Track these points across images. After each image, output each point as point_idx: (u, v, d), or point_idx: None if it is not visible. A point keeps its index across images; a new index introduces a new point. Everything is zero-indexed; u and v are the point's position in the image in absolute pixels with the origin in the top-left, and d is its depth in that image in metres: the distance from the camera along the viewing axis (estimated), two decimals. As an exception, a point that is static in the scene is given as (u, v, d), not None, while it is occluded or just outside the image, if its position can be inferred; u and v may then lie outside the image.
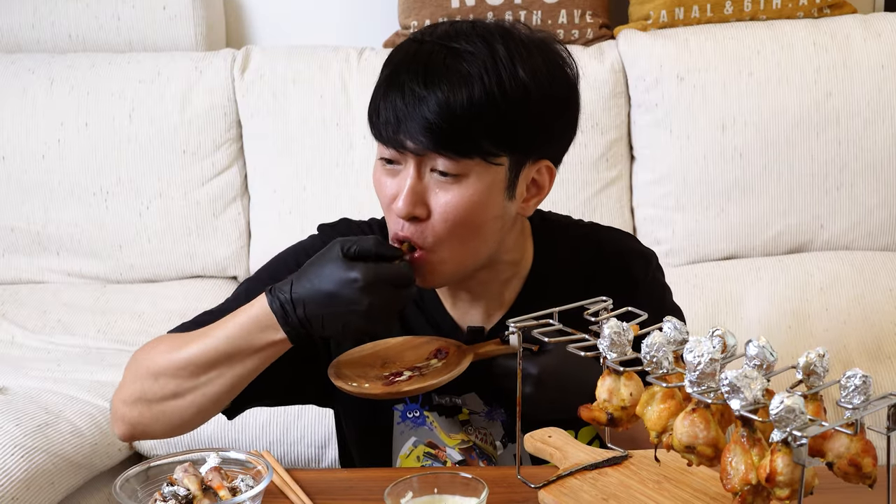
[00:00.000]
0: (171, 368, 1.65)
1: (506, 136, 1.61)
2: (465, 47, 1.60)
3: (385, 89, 1.62)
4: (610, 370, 1.38)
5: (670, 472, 1.48)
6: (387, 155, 1.64)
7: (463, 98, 1.57)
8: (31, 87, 3.21)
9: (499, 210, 1.65)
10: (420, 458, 1.80)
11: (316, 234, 1.85)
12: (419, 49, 1.63)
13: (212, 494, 1.45)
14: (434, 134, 1.57)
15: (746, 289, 2.91)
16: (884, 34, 3.08)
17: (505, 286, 1.78)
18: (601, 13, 3.29)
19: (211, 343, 1.63)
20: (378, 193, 1.67)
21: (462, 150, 1.59)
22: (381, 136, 1.63)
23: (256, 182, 3.19)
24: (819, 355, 1.25)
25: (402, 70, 1.61)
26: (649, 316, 1.44)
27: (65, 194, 3.17)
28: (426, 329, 1.78)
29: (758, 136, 3.03)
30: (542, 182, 1.70)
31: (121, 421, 1.72)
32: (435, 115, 1.57)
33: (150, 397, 1.68)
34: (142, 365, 1.70)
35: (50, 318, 2.99)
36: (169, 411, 1.67)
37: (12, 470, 2.26)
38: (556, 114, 1.67)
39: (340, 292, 1.53)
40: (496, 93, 1.58)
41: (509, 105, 1.59)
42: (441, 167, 1.60)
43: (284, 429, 2.56)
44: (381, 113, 1.61)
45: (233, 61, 3.20)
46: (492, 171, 1.62)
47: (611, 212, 3.10)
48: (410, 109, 1.58)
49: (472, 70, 1.58)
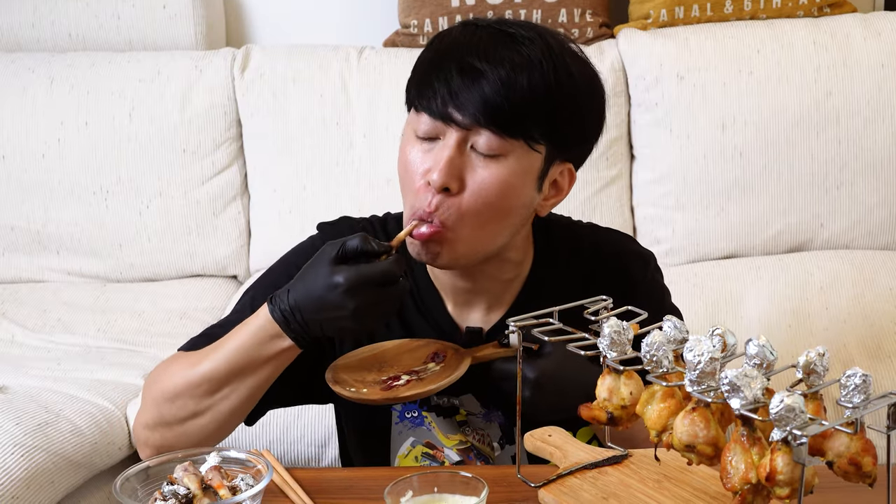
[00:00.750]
0: (186, 389, 1.67)
1: (551, 124, 1.63)
2: (522, 33, 1.63)
3: (439, 63, 1.62)
4: (610, 369, 1.38)
5: (670, 471, 1.48)
6: (425, 131, 1.63)
7: (524, 80, 1.59)
8: (31, 86, 3.21)
9: (527, 199, 1.67)
10: (418, 458, 1.80)
11: (316, 235, 1.85)
12: (476, 31, 1.64)
13: (212, 493, 1.45)
14: (489, 109, 1.58)
15: (746, 288, 2.91)
16: (884, 33, 3.08)
17: (505, 287, 1.78)
18: (601, 12, 3.29)
19: (223, 359, 1.64)
20: (405, 169, 1.66)
21: (510, 130, 1.60)
22: (429, 107, 1.62)
23: (256, 181, 3.20)
24: (819, 354, 1.25)
25: (460, 47, 1.62)
26: (648, 317, 1.44)
27: (65, 193, 3.17)
28: (425, 328, 1.78)
29: (758, 135, 3.03)
30: (563, 184, 1.73)
31: (145, 445, 1.74)
32: (494, 92, 1.58)
33: (170, 420, 1.69)
34: (157, 388, 1.71)
35: (50, 317, 2.99)
36: (190, 431, 1.69)
37: (12, 469, 2.26)
38: (594, 115, 1.71)
39: (327, 297, 1.54)
40: (553, 81, 1.60)
41: (561, 96, 1.61)
42: (483, 145, 1.61)
43: (284, 428, 2.56)
44: (434, 84, 1.61)
45: (233, 60, 3.20)
46: (530, 156, 1.64)
47: (611, 211, 3.10)
48: (469, 83, 1.59)
49: (533, 56, 1.60)
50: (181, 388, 1.67)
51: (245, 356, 1.63)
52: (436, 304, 1.79)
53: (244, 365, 1.63)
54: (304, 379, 1.78)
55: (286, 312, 1.57)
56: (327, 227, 1.85)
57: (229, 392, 1.65)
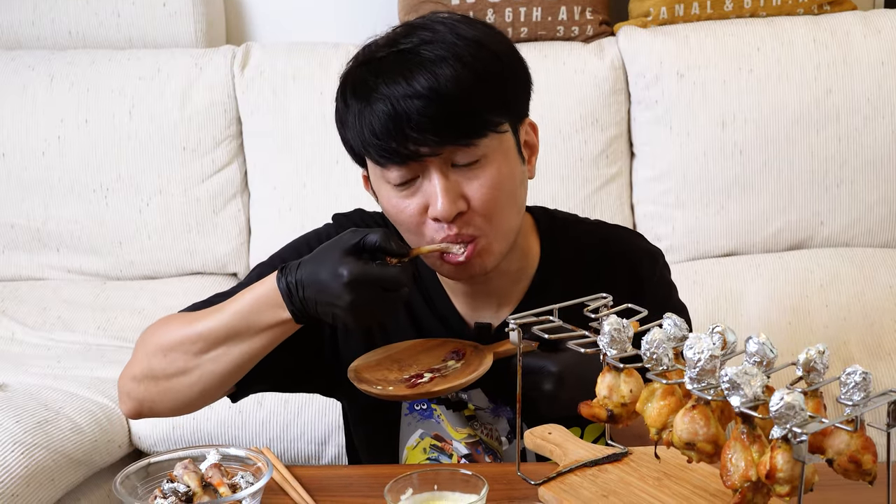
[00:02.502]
0: (180, 345, 1.66)
1: (499, 98, 1.63)
2: (415, 41, 1.61)
3: (369, 109, 1.60)
4: (610, 367, 1.38)
5: (670, 468, 1.48)
6: (400, 178, 1.62)
7: (449, 78, 1.57)
8: (31, 83, 3.21)
9: (520, 175, 1.69)
10: (426, 450, 1.80)
11: (331, 224, 1.86)
12: (380, 63, 1.61)
13: (212, 491, 1.45)
14: (441, 127, 1.57)
15: (746, 285, 2.91)
16: (884, 31, 3.08)
17: (513, 283, 1.78)
18: (601, 10, 3.29)
19: (220, 319, 1.64)
20: (398, 217, 1.66)
21: (473, 131, 1.60)
22: (389, 155, 1.60)
23: (256, 179, 3.19)
24: (819, 352, 1.25)
25: (377, 85, 1.59)
26: (656, 314, 1.44)
27: (65, 191, 3.17)
28: (433, 322, 1.79)
29: (758, 132, 3.03)
30: (532, 140, 1.74)
31: (127, 396, 1.73)
32: (432, 107, 1.56)
33: (158, 373, 1.68)
34: (151, 341, 1.71)
35: (50, 314, 2.99)
36: (175, 388, 1.68)
37: (12, 466, 2.26)
38: (521, 68, 1.70)
39: (329, 284, 1.54)
40: (471, 62, 1.59)
41: (487, 67, 1.61)
42: (461, 159, 1.61)
43: (285, 425, 2.56)
44: (379, 131, 1.59)
45: (233, 58, 3.20)
46: (503, 140, 1.64)
47: (611, 208, 3.10)
48: (407, 111, 1.57)
49: (441, 52, 1.59)
50: (174, 341, 1.67)
51: (243, 319, 1.62)
52: (444, 301, 1.80)
53: (240, 328, 1.62)
54: (294, 367, 1.78)
55: (291, 285, 1.57)
56: (342, 218, 1.87)
57: (221, 354, 1.64)
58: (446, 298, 1.80)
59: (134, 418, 1.77)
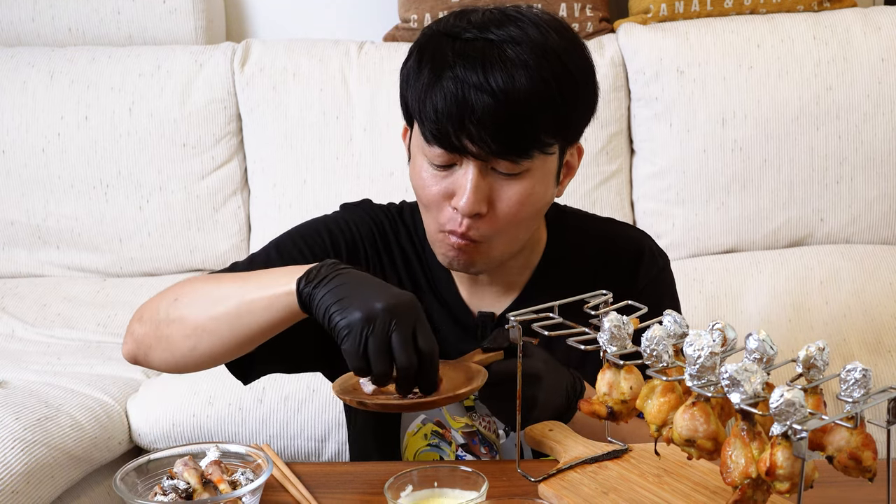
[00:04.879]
0: (190, 295, 1.63)
1: (561, 127, 1.63)
2: (505, 36, 1.59)
3: (440, 85, 1.58)
4: (610, 364, 1.38)
5: (670, 465, 1.48)
6: (441, 161, 1.62)
7: (525, 86, 1.56)
8: (31, 80, 3.21)
9: (549, 196, 1.69)
10: (427, 435, 1.80)
11: (339, 212, 1.87)
12: (465, 45, 1.60)
13: (212, 488, 1.45)
14: (499, 136, 1.56)
15: (746, 282, 2.91)
16: (884, 28, 3.08)
17: (518, 271, 1.79)
18: (601, 6, 3.29)
19: (234, 292, 1.58)
20: (423, 190, 1.66)
21: (525, 151, 1.59)
22: (440, 138, 1.59)
23: (256, 176, 3.19)
24: (819, 349, 1.25)
25: (455, 65, 1.58)
26: (655, 312, 1.43)
27: (65, 188, 3.17)
28: (439, 311, 1.79)
29: (758, 129, 3.03)
30: (573, 163, 1.74)
31: (130, 336, 1.70)
32: (501, 110, 1.55)
33: (162, 317, 1.64)
34: (168, 290, 1.68)
35: (50, 311, 2.99)
36: (171, 336, 1.63)
37: (12, 463, 2.26)
38: (593, 94, 1.69)
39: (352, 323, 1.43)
40: (550, 78, 1.58)
41: (563, 88, 1.60)
42: (502, 168, 1.61)
43: (284, 422, 2.56)
44: (441, 110, 1.58)
45: (233, 55, 3.20)
46: (548, 161, 1.65)
47: (611, 205, 3.10)
48: (473, 105, 1.55)
49: (527, 58, 1.57)
50: (187, 292, 1.64)
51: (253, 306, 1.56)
52: (449, 288, 1.80)
53: (246, 313, 1.57)
54: (309, 344, 1.74)
55: (317, 302, 1.49)
56: (352, 207, 1.88)
57: (222, 322, 1.58)
58: (452, 284, 1.81)
59: (131, 362, 1.72)
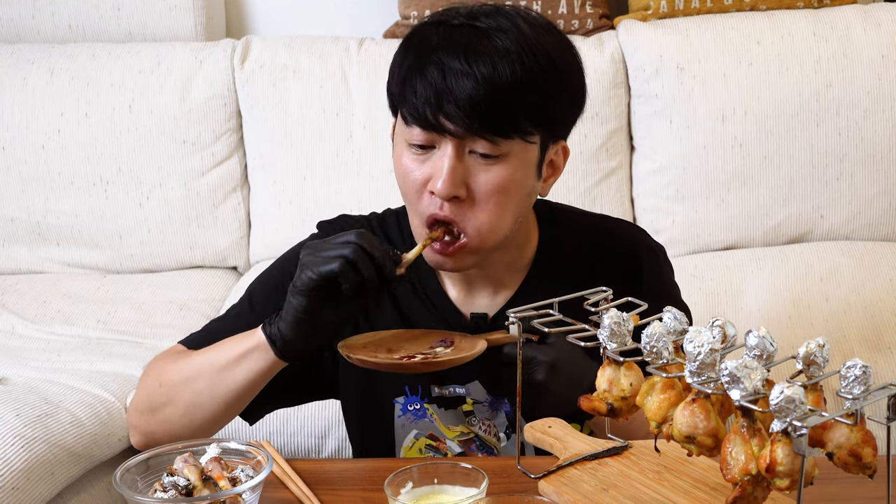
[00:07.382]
0: (172, 377, 1.71)
1: (543, 115, 1.63)
2: (493, 25, 1.61)
3: (421, 71, 1.60)
4: (610, 360, 1.38)
5: (670, 462, 1.49)
6: (419, 140, 1.63)
7: (507, 75, 1.57)
8: (31, 77, 3.21)
9: (530, 188, 1.69)
10: (422, 450, 1.81)
11: (316, 232, 1.86)
12: (451, 32, 1.62)
13: (212, 485, 1.45)
14: (482, 119, 1.58)
15: (746, 279, 2.91)
16: (884, 24, 3.08)
17: (508, 273, 1.78)
18: (601, 3, 3.28)
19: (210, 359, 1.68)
20: (403, 179, 1.67)
21: (503, 131, 1.60)
22: (419, 119, 1.61)
23: (256, 172, 3.19)
24: (819, 345, 1.25)
25: (438, 49, 1.60)
26: (655, 309, 1.43)
27: (65, 184, 3.17)
28: (425, 315, 1.78)
29: (758, 126, 3.03)
30: (558, 162, 1.74)
31: (134, 429, 1.78)
32: (480, 93, 1.57)
33: (154, 405, 1.73)
34: (150, 375, 1.76)
35: (50, 308, 2.99)
36: (169, 419, 1.72)
37: (12, 460, 2.26)
38: (578, 90, 1.71)
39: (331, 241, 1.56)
40: (535, 69, 1.59)
41: (547, 84, 1.61)
42: (481, 149, 1.61)
43: (284, 419, 2.56)
44: (421, 95, 1.59)
45: (233, 51, 3.20)
46: (528, 150, 1.65)
47: (611, 202, 3.10)
48: (452, 87, 1.57)
49: (511, 47, 1.59)
50: (168, 376, 1.72)
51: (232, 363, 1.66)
52: (437, 292, 1.79)
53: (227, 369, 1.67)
54: (306, 381, 1.81)
55: (274, 336, 1.61)
56: (326, 226, 1.86)
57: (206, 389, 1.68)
58: (439, 289, 1.80)
59: (142, 449, 1.79)
